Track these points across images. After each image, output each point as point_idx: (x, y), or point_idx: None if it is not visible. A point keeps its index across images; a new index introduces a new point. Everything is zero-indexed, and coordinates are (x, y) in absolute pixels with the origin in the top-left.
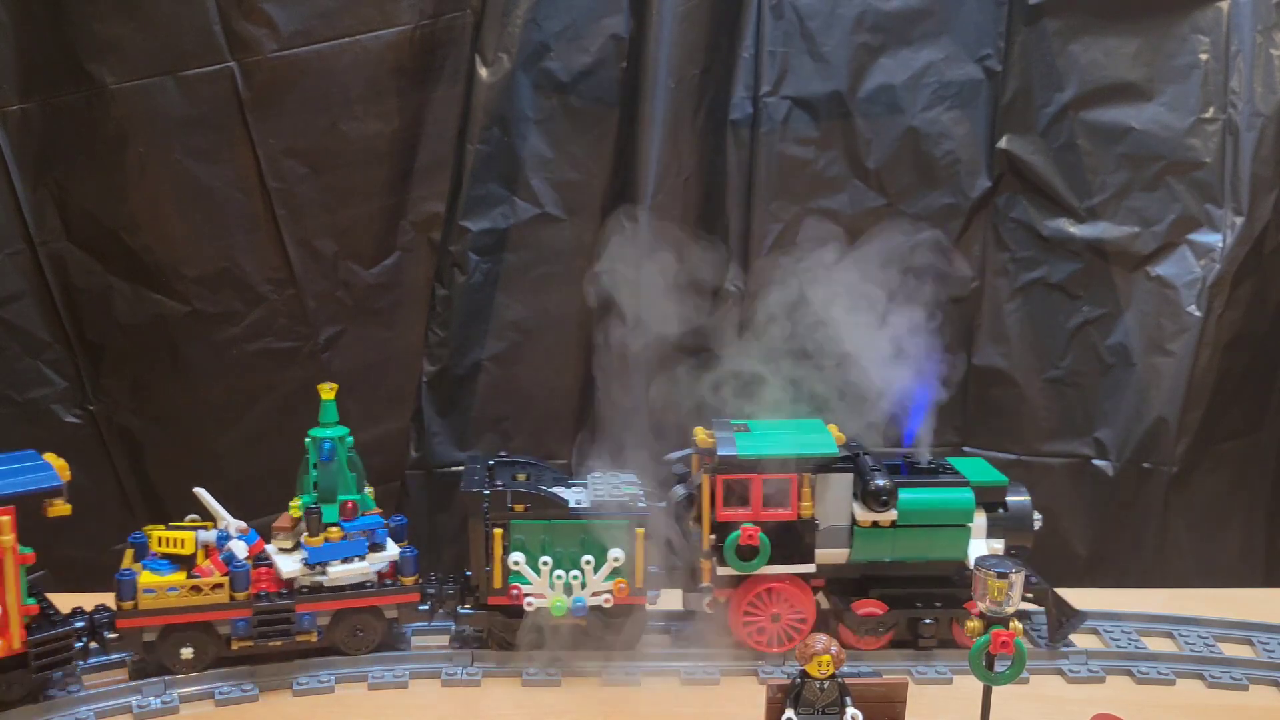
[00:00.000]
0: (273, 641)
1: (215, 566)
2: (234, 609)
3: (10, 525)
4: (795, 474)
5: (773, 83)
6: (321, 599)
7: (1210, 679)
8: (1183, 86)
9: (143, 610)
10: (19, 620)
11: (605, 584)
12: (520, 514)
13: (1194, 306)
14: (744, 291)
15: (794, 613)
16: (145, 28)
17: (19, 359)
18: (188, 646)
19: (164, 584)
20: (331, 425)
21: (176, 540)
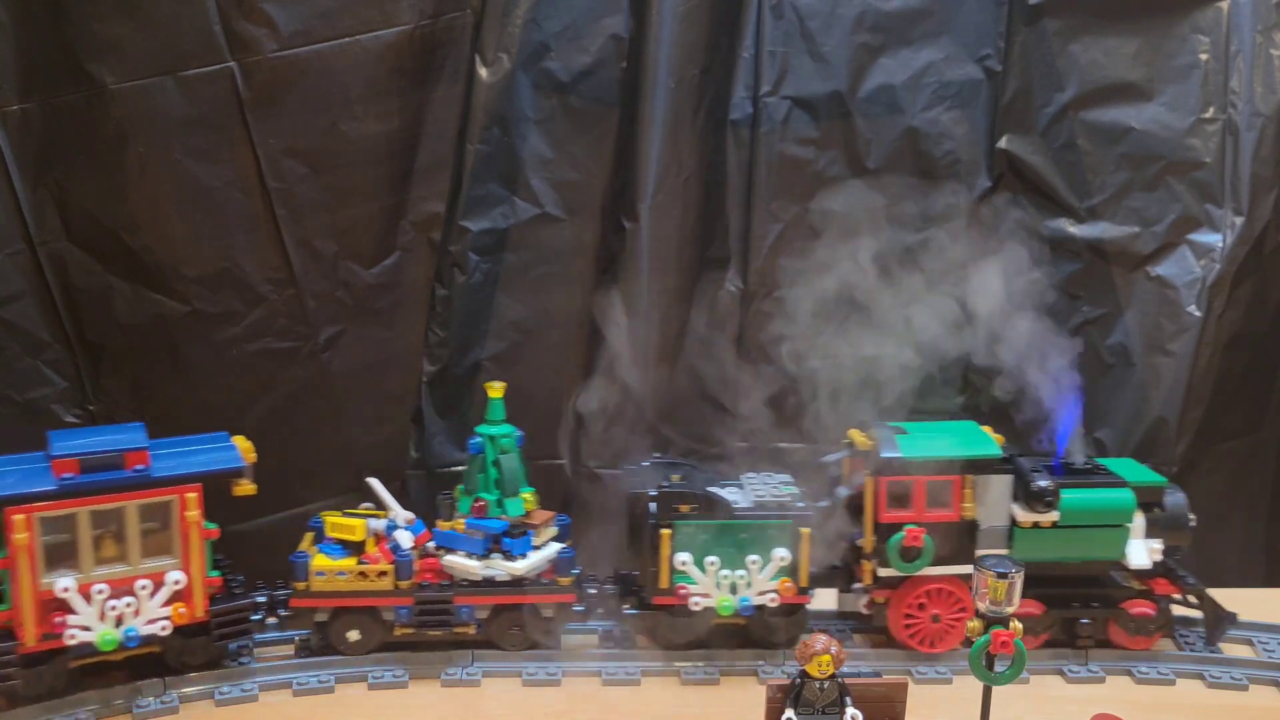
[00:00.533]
0: (432, 631)
1: (382, 554)
2: (397, 596)
3: (197, 501)
4: (958, 475)
5: (773, 83)
6: (480, 593)
7: (1210, 679)
8: (1183, 86)
9: (314, 591)
10: (203, 590)
11: (771, 583)
12: (687, 515)
13: (1194, 306)
14: (744, 291)
15: (954, 613)
16: (145, 28)
17: (19, 359)
18: (355, 629)
19: (335, 568)
20: (498, 423)
21: (349, 527)
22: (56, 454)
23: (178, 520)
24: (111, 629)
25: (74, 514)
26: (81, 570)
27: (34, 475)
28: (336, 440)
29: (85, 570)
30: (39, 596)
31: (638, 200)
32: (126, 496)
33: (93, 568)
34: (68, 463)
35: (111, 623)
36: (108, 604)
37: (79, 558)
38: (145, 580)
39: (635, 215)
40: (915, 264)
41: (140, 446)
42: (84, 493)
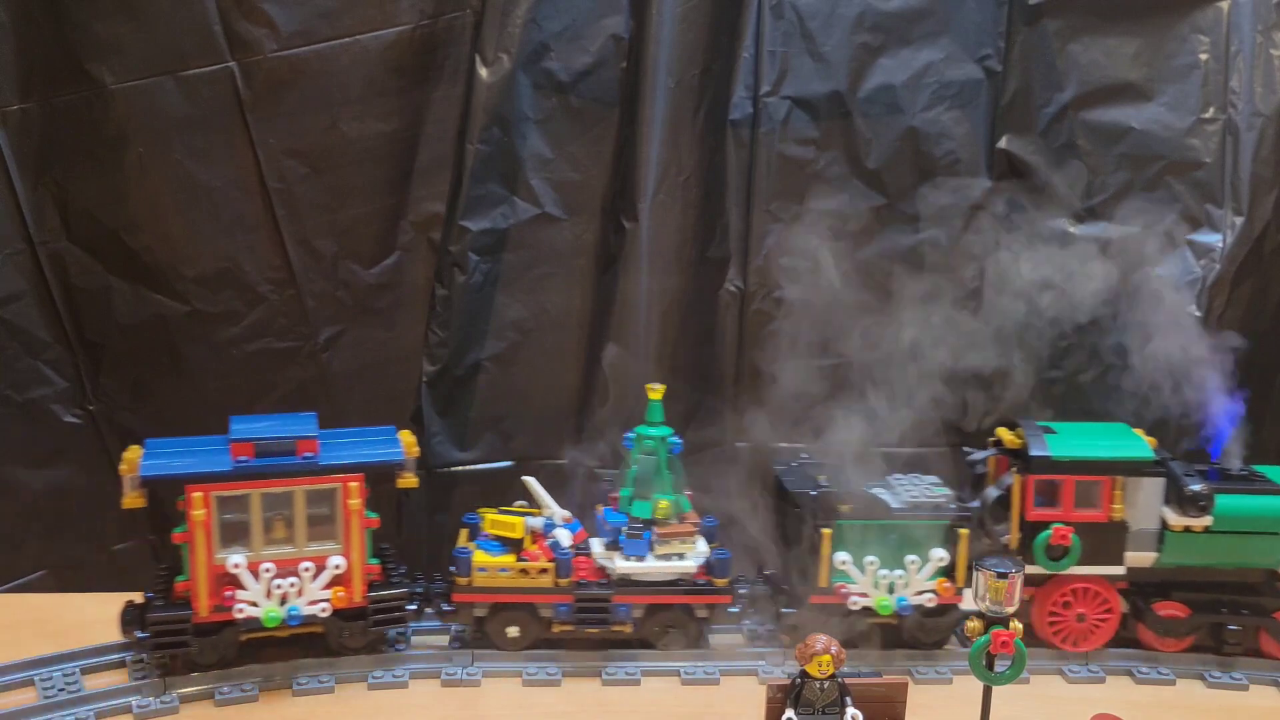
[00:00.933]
0: (590, 629)
1: (542, 552)
2: (557, 594)
3: (359, 491)
4: (1108, 476)
5: (772, 83)
6: (637, 592)
7: (1210, 679)
8: (1183, 86)
9: (477, 587)
10: (362, 576)
11: (928, 583)
12: (847, 515)
13: (1194, 306)
14: (744, 291)
15: (1100, 613)
16: (145, 28)
17: (19, 359)
18: (514, 625)
19: (496, 564)
20: (657, 424)
21: (508, 524)
22: (235, 438)
23: (341, 507)
24: (276, 606)
25: (247, 495)
26: (252, 548)
27: (214, 457)
28: None
29: (255, 549)
30: (213, 570)
31: (638, 200)
32: (295, 482)
33: (262, 547)
34: (244, 446)
35: (276, 600)
36: (273, 582)
37: (250, 537)
38: (308, 563)
39: (635, 215)
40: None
41: (311, 435)
42: (257, 476)
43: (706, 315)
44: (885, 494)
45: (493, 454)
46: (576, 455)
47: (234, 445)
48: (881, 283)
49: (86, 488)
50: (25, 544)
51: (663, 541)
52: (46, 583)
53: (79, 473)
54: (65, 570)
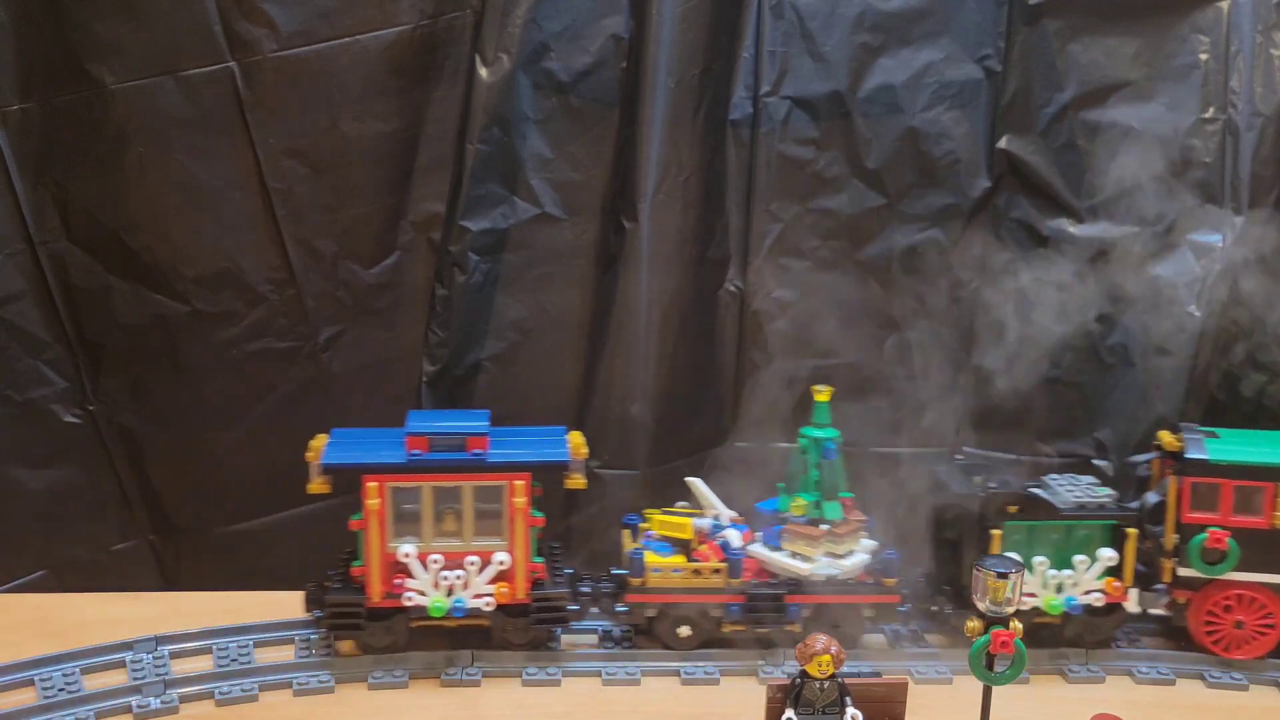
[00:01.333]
0: (760, 629)
1: (713, 552)
2: (729, 594)
3: (525, 489)
4: (1271, 483)
5: (772, 83)
6: (811, 592)
7: (1210, 679)
8: (1183, 86)
9: (650, 587)
10: (526, 574)
11: (1097, 583)
12: (1013, 515)
13: (1194, 306)
14: (744, 291)
15: (1260, 622)
16: (145, 28)
17: (19, 359)
18: (685, 625)
19: (668, 565)
20: (824, 426)
21: (678, 525)
22: (411, 431)
23: (507, 505)
24: (442, 597)
25: (419, 487)
26: (422, 539)
27: (390, 449)
28: None
29: (425, 540)
30: (386, 558)
31: (638, 200)
32: (465, 477)
33: (432, 539)
34: (419, 440)
35: (443, 591)
36: (441, 574)
37: (421, 528)
38: (474, 557)
39: (635, 215)
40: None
41: (482, 432)
42: (429, 469)
43: (706, 315)
44: (1046, 494)
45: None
46: None
47: (409, 439)
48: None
49: (86, 488)
50: (25, 544)
51: (834, 540)
52: (46, 583)
53: (79, 473)
54: (65, 570)
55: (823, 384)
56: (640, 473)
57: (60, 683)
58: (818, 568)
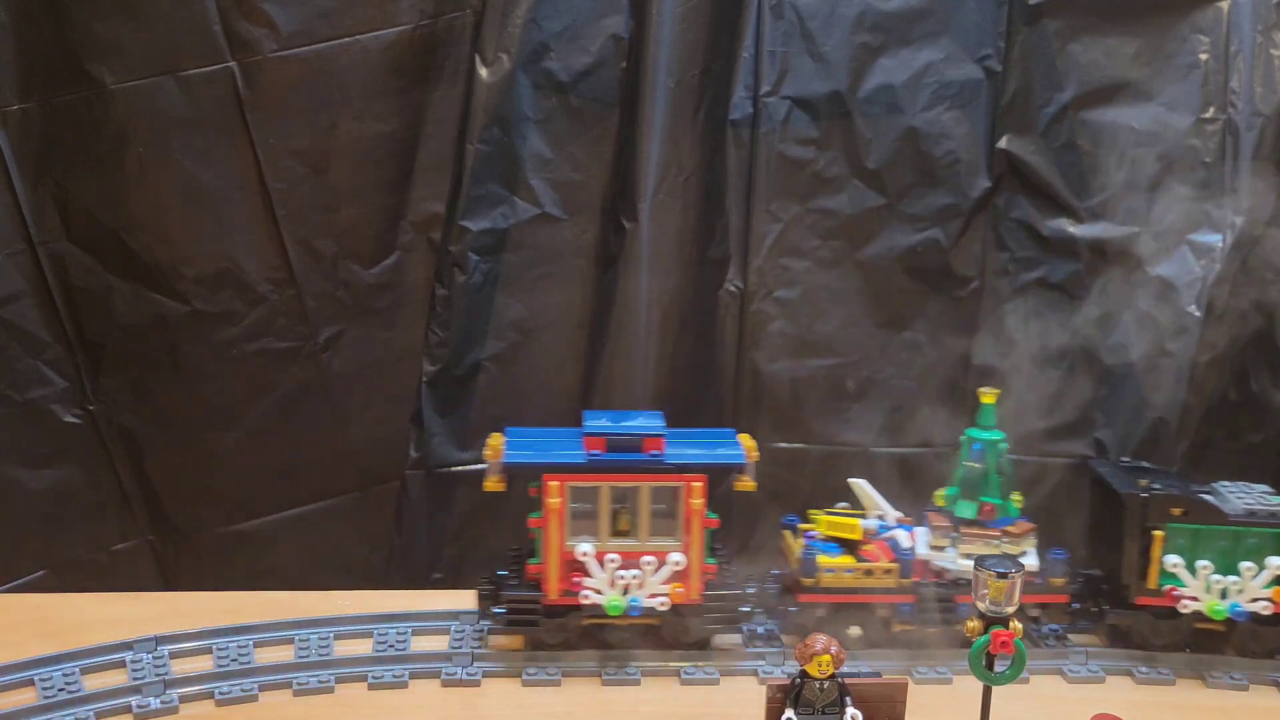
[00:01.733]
0: (930, 628)
1: (881, 552)
2: (900, 594)
3: (701, 491)
4: None
5: (772, 83)
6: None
7: (1210, 679)
8: (1183, 86)
9: (822, 587)
10: (699, 574)
11: (1264, 591)
12: (1178, 518)
13: (1194, 306)
14: (744, 291)
15: None
16: (145, 28)
17: (19, 359)
18: (856, 625)
19: (840, 565)
20: (989, 429)
21: (847, 526)
22: (588, 432)
23: (683, 506)
24: (619, 596)
25: (597, 487)
26: (599, 538)
27: (569, 449)
28: (336, 440)
29: (602, 539)
30: (563, 556)
31: (638, 200)
32: (641, 477)
33: (608, 538)
34: (597, 440)
35: (619, 590)
36: (617, 573)
37: (598, 527)
38: (650, 557)
39: (635, 215)
40: None
41: (658, 433)
42: (607, 469)
43: (706, 315)
44: (1214, 500)
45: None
46: None
47: (587, 439)
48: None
49: (86, 488)
50: (25, 544)
51: (1012, 541)
52: (46, 583)
53: (79, 473)
54: (65, 570)
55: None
56: None
57: (60, 683)
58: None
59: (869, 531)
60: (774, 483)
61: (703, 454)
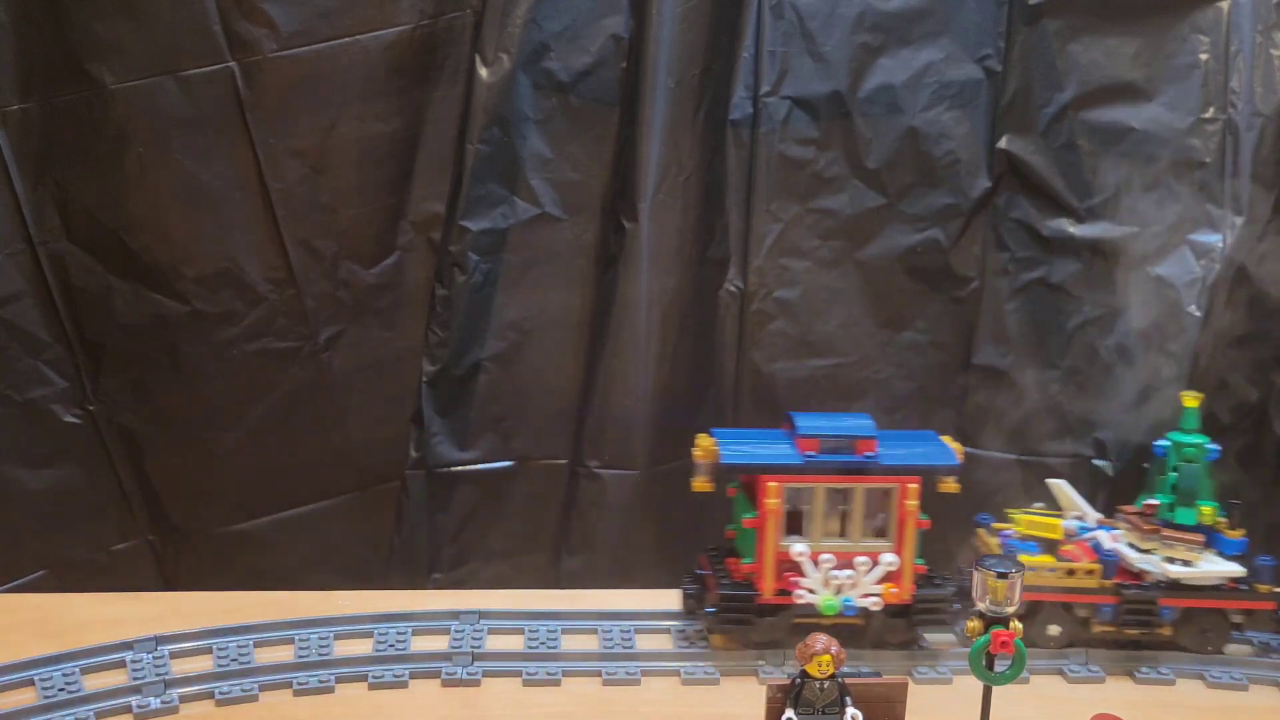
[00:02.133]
0: (1130, 630)
1: (1083, 552)
2: (1101, 595)
3: (916, 492)
4: None
5: (772, 83)
6: (1179, 595)
7: (1210, 679)
8: (1183, 86)
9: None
10: (911, 575)
11: None
12: None
13: (1194, 306)
14: (744, 291)
15: None
16: (145, 28)
17: (19, 359)
18: (1055, 624)
19: (1041, 564)
20: (1190, 431)
21: (1048, 525)
22: (802, 434)
23: (896, 507)
24: (832, 596)
25: (813, 488)
26: (813, 539)
27: (783, 450)
28: (336, 440)
29: (815, 539)
30: (778, 556)
31: (638, 200)
32: (856, 479)
33: (821, 538)
34: (810, 442)
35: (833, 590)
36: (831, 573)
37: (812, 527)
38: (864, 557)
39: (635, 215)
40: None
41: (870, 435)
42: (822, 470)
43: (706, 315)
44: None
45: (493, 454)
46: (577, 455)
47: (800, 440)
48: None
49: (86, 488)
50: (25, 544)
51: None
52: (46, 583)
53: (79, 473)
54: (65, 570)
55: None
56: (640, 473)
57: (60, 683)
58: (1195, 571)
59: (1069, 532)
60: None
61: (916, 455)
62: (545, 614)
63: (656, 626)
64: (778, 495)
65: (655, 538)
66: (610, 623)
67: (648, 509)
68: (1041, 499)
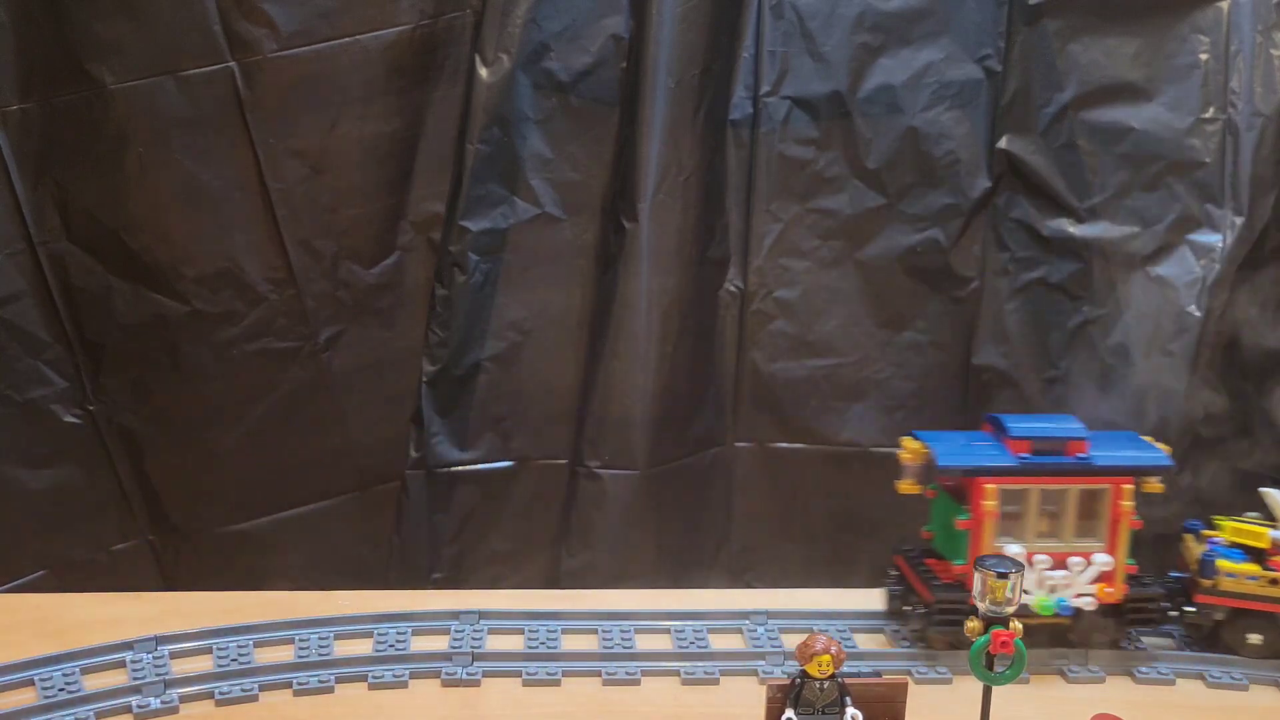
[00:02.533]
0: None
1: None
2: None
3: (1131, 493)
4: None
5: (772, 83)
6: None
7: (1210, 679)
8: (1183, 86)
9: (1221, 590)
10: (1123, 575)
11: None
12: None
13: (1194, 306)
14: (744, 291)
15: None
16: (145, 28)
17: (19, 359)
18: (1255, 632)
19: (1242, 571)
20: None
21: (1254, 534)
22: (1013, 435)
23: (1109, 508)
24: (1047, 596)
25: (1027, 490)
26: (1026, 540)
27: (996, 453)
28: (336, 440)
29: (1029, 540)
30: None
31: (638, 200)
32: (1069, 480)
33: (1034, 539)
34: (1022, 444)
35: (1046, 590)
36: (1045, 573)
37: (1024, 528)
38: (1077, 558)
39: (635, 215)
40: None
41: (1082, 437)
42: (1036, 472)
43: (706, 315)
44: None
45: (493, 454)
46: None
47: (1011, 442)
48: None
49: (87, 488)
50: (25, 544)
51: None
52: (47, 583)
53: (79, 473)
54: (65, 570)
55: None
56: (640, 473)
57: (60, 682)
58: None
59: (1277, 542)
60: (774, 482)
61: (1129, 456)
62: (545, 614)
63: (656, 626)
64: (994, 497)
65: (655, 538)
66: (610, 623)
67: (648, 509)
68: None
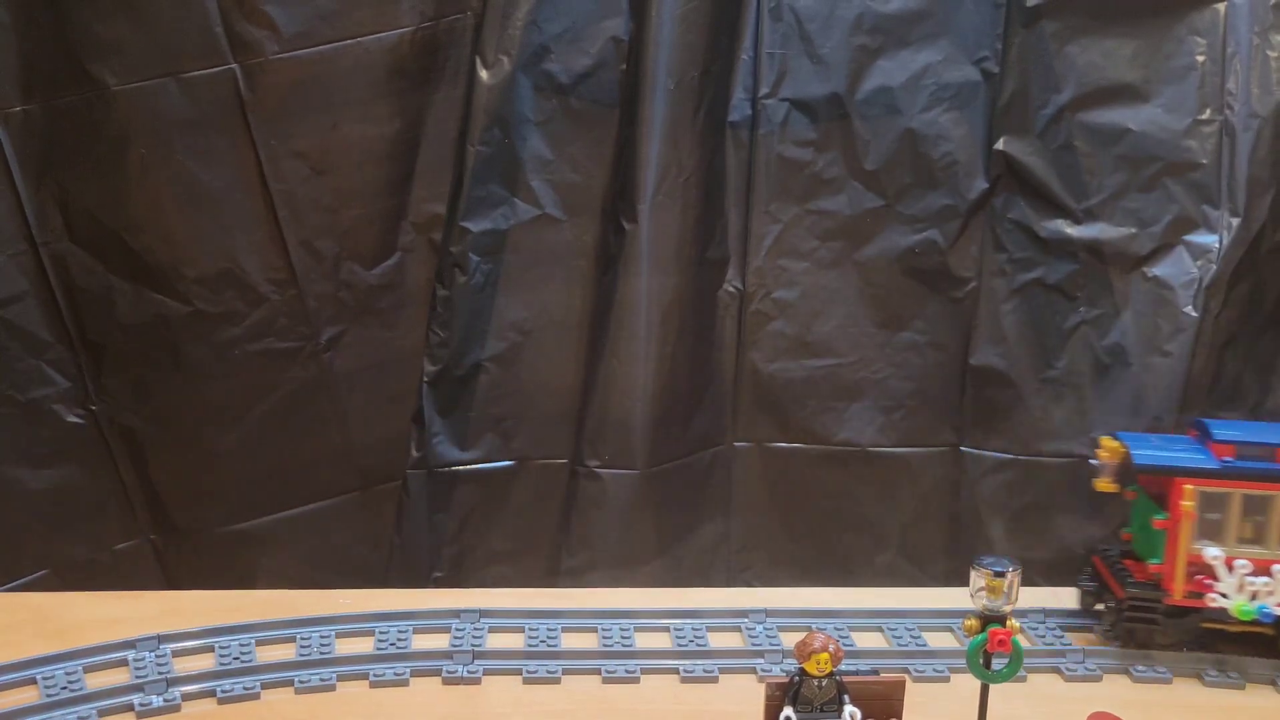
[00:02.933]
0: None
1: None
2: None
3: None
4: None
5: (771, 84)
6: None
7: (1208, 678)
8: (1180, 88)
9: None
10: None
11: None
12: None
13: (1190, 307)
14: (743, 291)
15: None
16: (147, 29)
17: (21, 359)
18: None
19: None
20: None
21: None
22: (1217, 439)
23: None
24: (1247, 601)
25: (1228, 493)
26: (1226, 544)
27: (1198, 455)
28: (337, 440)
29: (1229, 544)
30: (1189, 559)
31: (638, 201)
32: (1275, 487)
33: (1235, 544)
34: (1226, 448)
35: (1247, 596)
36: (1247, 578)
37: (1225, 532)
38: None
39: (635, 216)
40: None
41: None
42: (1239, 476)
43: (706, 315)
44: None
45: (493, 454)
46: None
47: (1215, 446)
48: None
49: (88, 487)
50: (27, 544)
51: None
52: (48, 582)
53: (81, 473)
54: (67, 570)
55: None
56: (640, 472)
57: (63, 681)
58: None
59: None
60: (773, 482)
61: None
62: (545, 612)
63: (655, 625)
64: (1192, 498)
65: (655, 537)
66: (610, 621)
67: (647, 509)
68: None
